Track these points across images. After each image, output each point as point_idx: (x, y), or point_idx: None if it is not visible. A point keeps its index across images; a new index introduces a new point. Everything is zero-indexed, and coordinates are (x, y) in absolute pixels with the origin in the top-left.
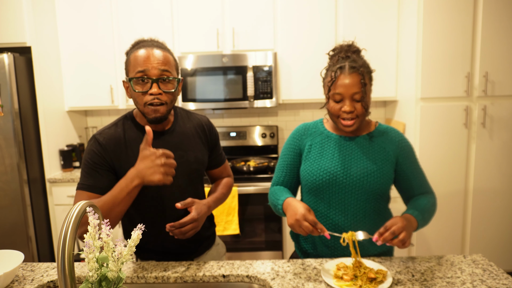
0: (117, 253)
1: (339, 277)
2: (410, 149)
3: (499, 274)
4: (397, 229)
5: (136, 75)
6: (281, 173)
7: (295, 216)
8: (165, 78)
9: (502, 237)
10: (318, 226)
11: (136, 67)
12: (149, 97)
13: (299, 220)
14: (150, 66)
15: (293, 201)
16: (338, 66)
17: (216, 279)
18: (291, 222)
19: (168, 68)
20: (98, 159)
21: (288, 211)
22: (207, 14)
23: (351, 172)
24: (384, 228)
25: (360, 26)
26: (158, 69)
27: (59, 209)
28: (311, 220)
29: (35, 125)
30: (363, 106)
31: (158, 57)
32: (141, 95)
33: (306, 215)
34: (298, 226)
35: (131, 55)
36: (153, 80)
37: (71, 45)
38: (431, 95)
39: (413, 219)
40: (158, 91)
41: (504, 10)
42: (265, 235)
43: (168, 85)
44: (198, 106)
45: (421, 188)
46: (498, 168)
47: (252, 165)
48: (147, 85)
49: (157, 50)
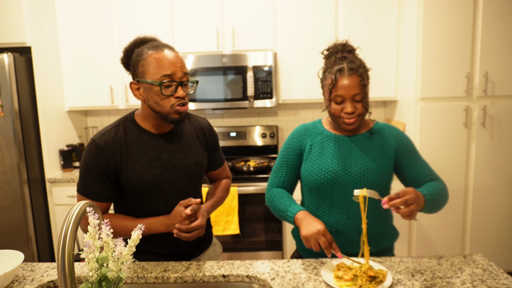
0: (117, 253)
1: (339, 277)
2: (409, 142)
3: (499, 274)
4: (410, 199)
5: (163, 78)
6: (281, 173)
7: (314, 229)
8: (187, 81)
9: (502, 237)
10: (333, 246)
11: (161, 70)
12: (174, 100)
13: (318, 234)
14: (175, 70)
15: (310, 215)
16: (337, 68)
17: (216, 279)
18: (309, 233)
19: (187, 70)
20: (97, 165)
21: (304, 224)
22: (207, 14)
23: (351, 170)
24: (396, 194)
25: (360, 25)
26: (182, 72)
27: (59, 209)
28: (330, 238)
29: (35, 125)
30: (363, 106)
31: (180, 60)
32: (164, 98)
33: (326, 232)
34: (315, 239)
35: (149, 56)
36: (178, 83)
37: (71, 45)
38: (431, 95)
39: (421, 196)
40: (184, 93)
41: (504, 10)
42: (265, 235)
43: (187, 87)
44: (198, 106)
45: (428, 176)
46: (498, 168)
47: (252, 165)
48: (171, 88)
49: (175, 52)
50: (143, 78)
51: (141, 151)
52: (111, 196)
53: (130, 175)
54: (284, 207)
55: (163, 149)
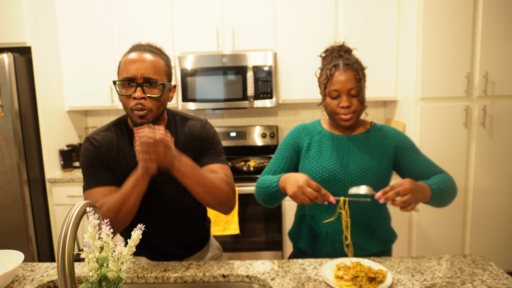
0: (117, 253)
1: (339, 277)
2: (408, 140)
3: (499, 274)
4: (403, 191)
5: (122, 78)
6: (277, 165)
7: (296, 183)
8: (151, 83)
9: (502, 237)
10: (322, 192)
11: (123, 70)
12: (133, 101)
13: (302, 186)
14: (135, 70)
15: (291, 173)
16: (332, 64)
17: (216, 279)
18: (293, 190)
19: (155, 73)
20: (94, 157)
21: (288, 183)
22: (207, 14)
23: (349, 169)
24: (390, 187)
25: (360, 25)
26: (143, 73)
27: (59, 209)
28: (315, 186)
29: (35, 125)
30: (359, 101)
31: (146, 61)
32: (125, 99)
33: (309, 181)
34: (301, 193)
35: (122, 58)
36: (137, 84)
37: (71, 45)
38: (431, 95)
39: (427, 188)
40: (142, 95)
41: (504, 10)
42: (265, 235)
43: (154, 90)
44: (198, 106)
45: (432, 170)
46: (498, 168)
47: (252, 165)
48: (131, 89)
49: (147, 54)
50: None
51: (130, 154)
52: (115, 179)
53: (119, 174)
54: (269, 182)
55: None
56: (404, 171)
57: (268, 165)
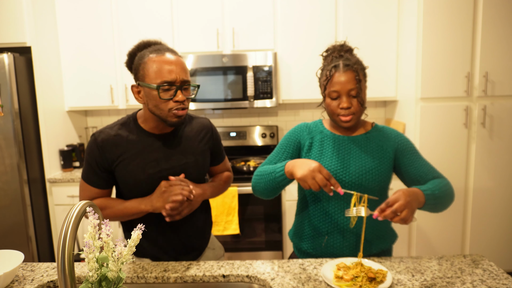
0: (117, 253)
1: (339, 277)
2: (408, 142)
3: (499, 274)
4: (399, 207)
5: (161, 83)
6: (277, 158)
7: (308, 167)
8: (188, 85)
9: (502, 237)
10: (332, 181)
11: (160, 74)
12: (173, 103)
13: (314, 171)
14: (175, 74)
15: (300, 159)
16: (332, 65)
17: (216, 279)
18: (304, 173)
19: (187, 74)
20: (95, 159)
21: (296, 167)
22: (207, 14)
23: (350, 170)
24: (386, 204)
25: (360, 25)
26: (182, 77)
27: (59, 209)
28: (326, 174)
29: (35, 125)
30: (359, 102)
31: (181, 65)
32: (163, 102)
33: (321, 168)
34: (312, 178)
35: (149, 60)
36: (177, 87)
37: (71, 45)
38: (431, 95)
39: (420, 193)
40: (183, 98)
41: (504, 10)
42: (265, 235)
43: (188, 91)
44: (198, 106)
45: (430, 174)
46: (498, 168)
47: (252, 165)
48: (170, 92)
49: (176, 56)
50: (143, 81)
51: (138, 150)
52: (110, 184)
53: (122, 172)
54: (272, 168)
55: (161, 149)
56: (403, 173)
57: (268, 158)
